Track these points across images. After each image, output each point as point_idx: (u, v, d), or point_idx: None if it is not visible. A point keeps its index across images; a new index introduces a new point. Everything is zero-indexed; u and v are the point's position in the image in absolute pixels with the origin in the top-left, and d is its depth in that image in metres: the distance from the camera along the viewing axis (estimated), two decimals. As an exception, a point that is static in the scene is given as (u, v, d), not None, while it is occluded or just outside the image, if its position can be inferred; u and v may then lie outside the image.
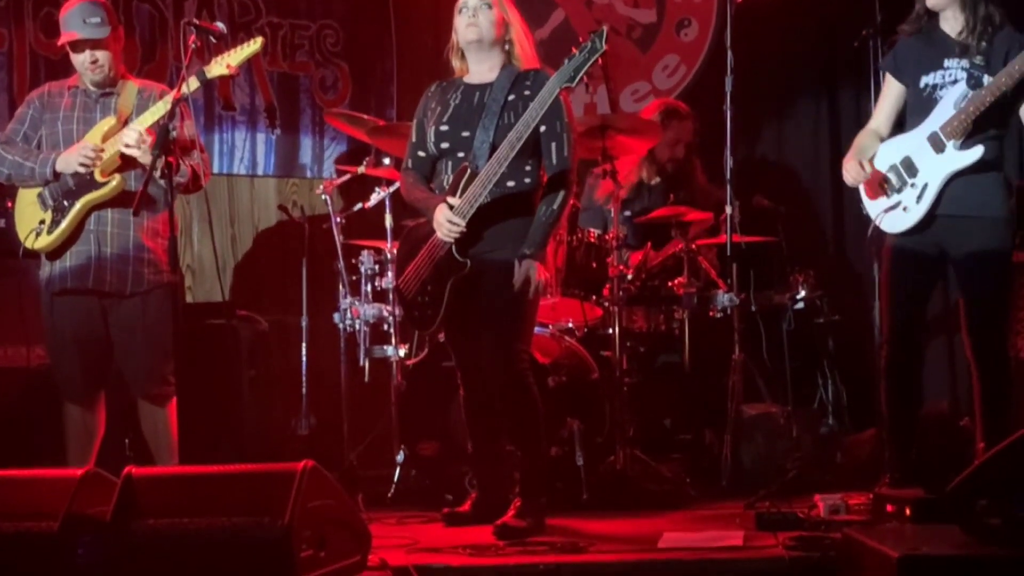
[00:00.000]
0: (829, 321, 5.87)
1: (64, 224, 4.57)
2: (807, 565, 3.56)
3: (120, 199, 4.50)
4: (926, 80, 4.43)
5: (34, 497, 3.38)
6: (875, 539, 3.20)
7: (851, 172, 4.47)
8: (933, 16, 4.47)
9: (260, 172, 6.59)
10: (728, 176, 5.31)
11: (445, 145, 4.36)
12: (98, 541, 3.23)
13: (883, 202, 4.46)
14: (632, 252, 5.62)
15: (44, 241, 4.59)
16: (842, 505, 4.23)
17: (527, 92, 4.29)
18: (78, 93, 4.70)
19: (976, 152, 4.32)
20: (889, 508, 3.85)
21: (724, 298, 5.43)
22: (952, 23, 4.44)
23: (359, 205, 5.77)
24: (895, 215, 4.43)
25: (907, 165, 4.42)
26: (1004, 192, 4.43)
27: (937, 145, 4.36)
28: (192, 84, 4.48)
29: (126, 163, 4.52)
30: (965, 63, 4.37)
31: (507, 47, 4.38)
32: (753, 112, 6.50)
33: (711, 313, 5.54)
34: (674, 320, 5.57)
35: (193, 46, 4.35)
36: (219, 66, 4.53)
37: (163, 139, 4.26)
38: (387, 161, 5.66)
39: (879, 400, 4.59)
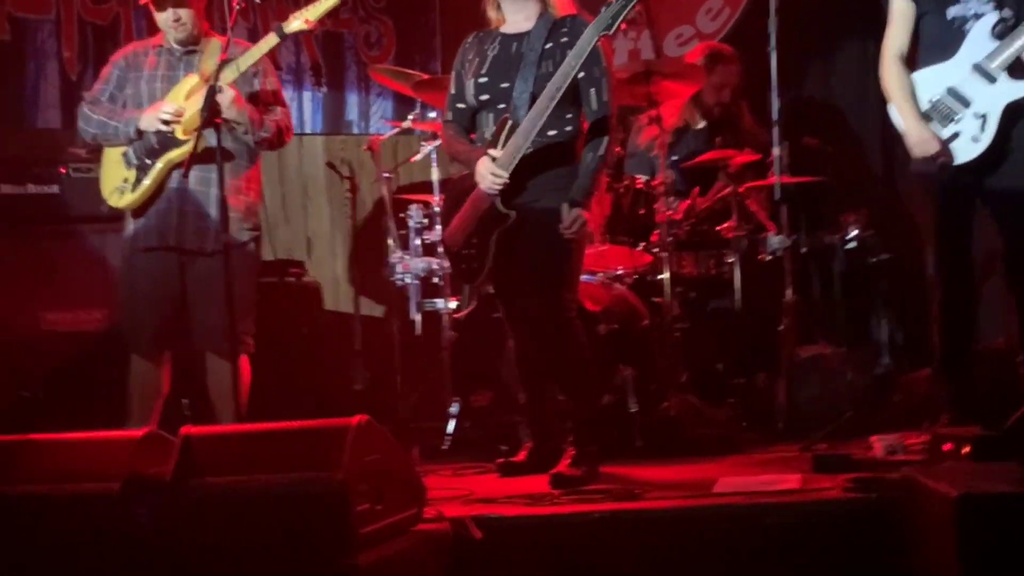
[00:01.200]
0: (881, 260, 5.81)
1: (147, 182, 4.59)
2: (865, 506, 3.55)
3: (202, 156, 4.44)
4: (953, 12, 4.37)
5: (95, 459, 3.43)
6: (933, 478, 3.18)
7: (928, 145, 4.37)
8: None
9: (307, 130, 6.61)
10: (775, 117, 5.26)
11: (484, 97, 4.34)
12: (158, 501, 3.27)
13: (938, 133, 4.39)
14: (680, 198, 5.59)
15: (128, 199, 4.61)
16: (899, 445, 4.20)
17: (564, 39, 4.25)
18: (163, 52, 4.70)
19: None
20: (947, 447, 3.81)
21: (774, 240, 5.39)
22: None
23: (406, 159, 5.77)
24: (960, 145, 4.35)
25: (955, 95, 4.35)
26: None
27: (987, 76, 4.29)
28: (270, 40, 4.49)
29: (210, 120, 4.48)
30: None
31: None
32: (798, 52, 6.41)
33: (761, 256, 5.51)
34: (724, 264, 5.54)
35: (237, 7, 4.35)
36: (297, 21, 4.52)
37: (210, 99, 4.27)
38: (433, 115, 5.66)
39: (934, 338, 4.55)
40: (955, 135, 4.36)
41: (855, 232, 5.67)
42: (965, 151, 4.35)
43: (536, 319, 4.31)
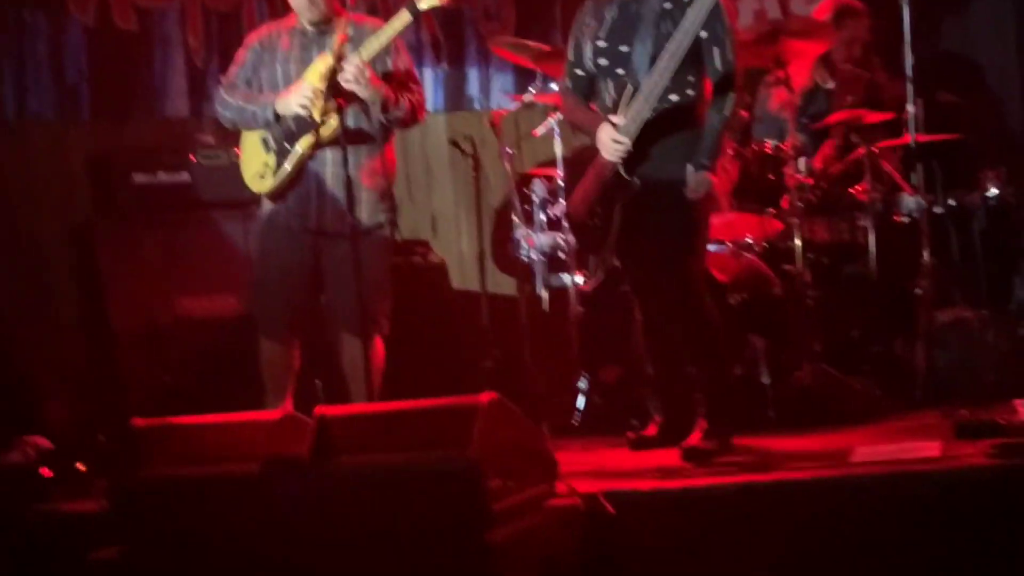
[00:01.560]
0: (1021, 218, 5.62)
1: (287, 167, 4.62)
2: (1012, 473, 3.44)
3: (345, 137, 4.42)
4: None
5: (235, 441, 3.51)
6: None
7: None
8: None
9: (429, 108, 6.62)
10: (908, 74, 5.11)
11: (604, 62, 4.27)
12: (298, 481, 3.33)
13: None
14: (811, 160, 5.47)
15: (268, 184, 4.64)
16: (1045, 409, 4.08)
17: (670, 4, 4.17)
18: (296, 33, 4.70)
19: None
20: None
21: (910, 202, 5.26)
22: None
23: (528, 133, 5.76)
24: None
25: None
26: None
27: None
28: (403, 18, 4.48)
29: (346, 100, 4.49)
30: None
31: None
32: (933, 4, 6.23)
33: (897, 218, 5.38)
34: (858, 228, 5.41)
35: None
36: None
37: (331, 80, 4.30)
38: (555, 87, 5.62)
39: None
40: None
41: (994, 190, 5.49)
42: None
43: (664, 290, 4.26)
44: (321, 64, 4.58)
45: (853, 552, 3.45)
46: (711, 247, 4.57)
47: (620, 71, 4.23)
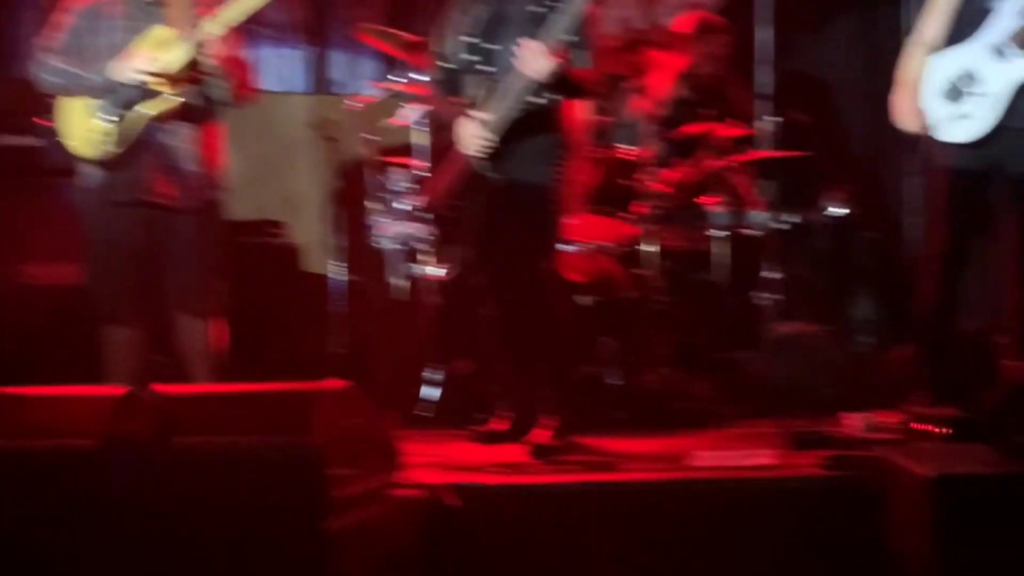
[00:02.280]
0: (864, 237, 5.82)
1: (128, 136, 4.52)
2: (840, 484, 3.56)
3: (178, 111, 4.39)
4: None
5: (73, 415, 3.41)
6: (910, 458, 3.20)
7: (908, 120, 4.39)
8: None
9: (291, 89, 6.55)
10: (763, 91, 5.23)
11: (471, 58, 4.31)
12: (136, 459, 3.26)
13: (944, 112, 4.38)
14: (665, 169, 5.57)
15: (106, 153, 4.52)
16: (877, 424, 4.21)
17: (550, 2, 4.21)
18: (128, 2, 4.59)
19: None
20: (924, 427, 3.83)
21: (758, 216, 5.39)
22: None
23: (390, 121, 5.73)
24: (962, 125, 4.34)
25: (967, 75, 4.34)
26: None
27: (1001, 55, 4.28)
28: None
29: (192, 73, 4.41)
30: None
31: None
32: (790, 26, 6.39)
33: (745, 231, 5.50)
34: (708, 238, 5.52)
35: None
36: None
37: (191, 53, 4.22)
38: (418, 77, 5.60)
39: (917, 317, 4.56)
40: (961, 114, 4.34)
41: (837, 209, 5.67)
42: (968, 131, 4.34)
43: (516, 287, 4.31)
44: (158, 34, 4.50)
45: (688, 554, 3.53)
46: (568, 248, 4.61)
47: (487, 68, 4.25)
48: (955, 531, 2.90)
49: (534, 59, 4.07)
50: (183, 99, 4.32)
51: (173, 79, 4.43)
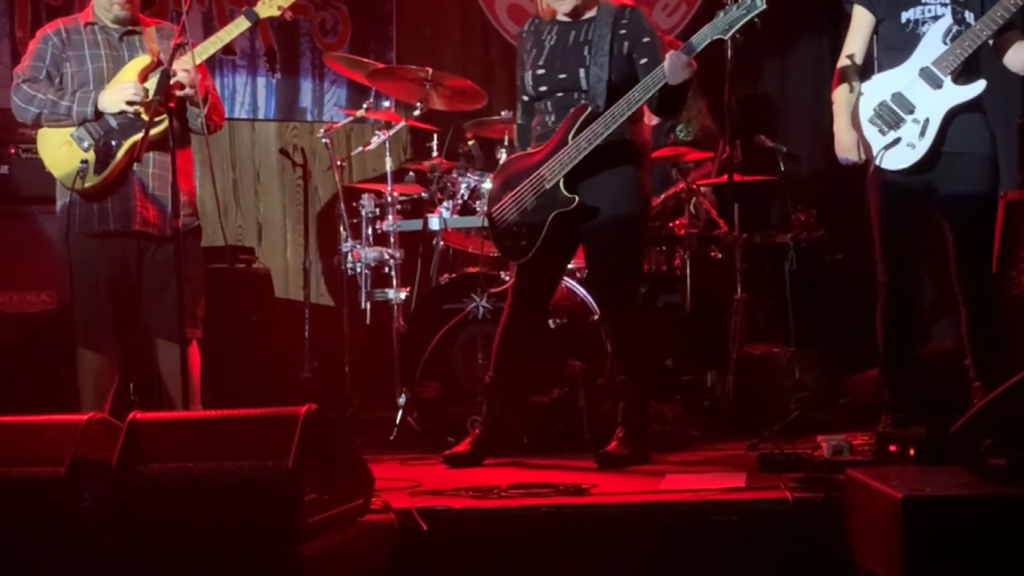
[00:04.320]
0: (831, 260, 5.87)
1: (112, 165, 4.51)
2: (809, 506, 3.57)
3: (163, 140, 4.40)
4: (907, 15, 4.41)
5: (41, 442, 3.40)
6: (878, 480, 3.21)
7: (849, 154, 4.46)
8: None
9: (261, 116, 6.57)
10: (729, 116, 5.28)
11: (544, 88, 4.40)
12: (104, 486, 3.25)
13: (879, 139, 4.43)
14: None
15: (91, 182, 4.50)
16: (845, 445, 4.24)
17: (623, 31, 4.34)
18: (98, 31, 4.60)
19: (980, 85, 4.32)
20: (892, 448, 3.86)
21: (724, 238, 5.42)
22: None
23: (359, 148, 5.75)
24: (898, 152, 4.40)
25: (900, 101, 4.40)
26: (990, 131, 4.44)
27: (933, 80, 4.34)
28: (240, 24, 4.48)
29: (174, 102, 4.42)
30: None
31: None
32: (754, 51, 6.46)
33: (712, 253, 5.54)
34: (675, 261, 5.56)
35: (193, -7, 4.30)
36: (269, 7, 4.48)
37: (164, 83, 4.22)
38: (387, 104, 5.63)
39: (878, 339, 4.60)
40: (896, 140, 4.40)
41: (805, 232, 5.72)
42: (904, 157, 4.40)
43: (606, 309, 4.57)
44: (139, 63, 4.52)
45: (659, 576, 3.55)
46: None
47: (559, 94, 4.37)
48: (924, 552, 2.92)
49: (684, 69, 4.15)
50: (158, 127, 4.33)
51: (148, 108, 4.43)
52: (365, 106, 5.67)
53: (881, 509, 3.06)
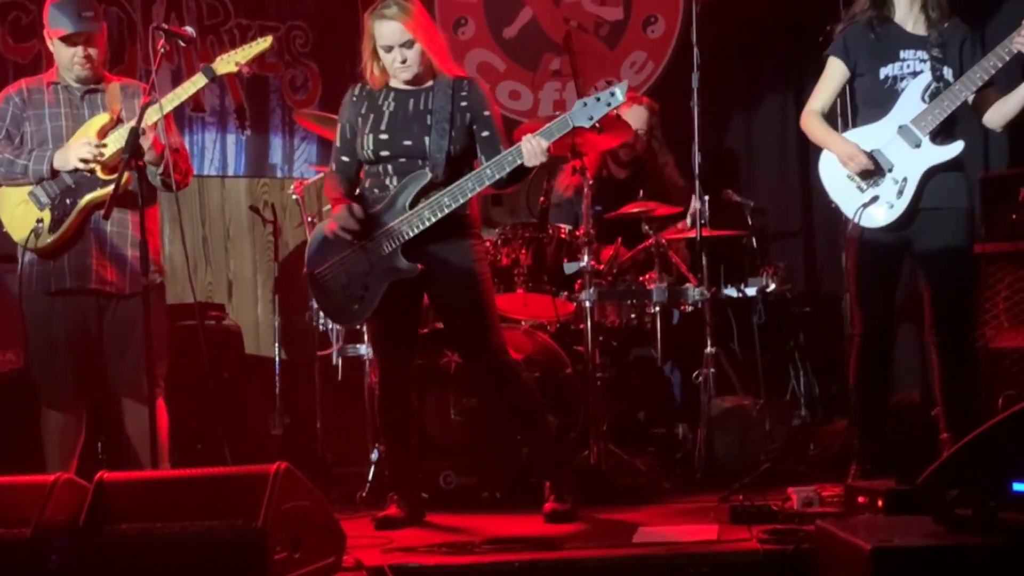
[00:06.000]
0: (799, 313, 5.91)
1: (67, 223, 4.51)
2: (781, 558, 3.58)
3: (124, 197, 4.38)
4: (885, 72, 4.47)
5: (6, 503, 3.37)
6: (848, 531, 3.22)
7: (858, 162, 4.45)
8: (885, 3, 4.50)
9: (231, 172, 6.58)
10: (696, 171, 5.34)
11: (385, 153, 4.40)
12: (71, 547, 3.22)
13: (857, 196, 4.48)
14: (603, 247, 5.64)
15: (45, 241, 4.51)
16: (815, 497, 4.26)
17: (464, 103, 4.38)
18: (60, 90, 4.62)
19: (958, 146, 4.38)
20: (861, 499, 3.87)
21: (695, 292, 5.46)
22: (904, 12, 4.48)
23: (329, 205, 5.76)
24: (876, 209, 4.44)
25: (878, 159, 4.45)
26: (967, 185, 4.49)
27: (911, 139, 4.39)
28: (198, 81, 4.49)
29: (136, 160, 4.41)
30: (923, 54, 4.43)
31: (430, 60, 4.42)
32: (721, 107, 6.54)
33: (682, 307, 5.57)
34: (646, 314, 5.58)
35: (162, 50, 4.32)
36: (227, 64, 4.51)
37: (133, 141, 4.23)
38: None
39: (849, 391, 4.63)
40: (874, 198, 4.45)
41: (773, 285, 5.76)
42: (882, 216, 4.45)
43: (476, 370, 4.50)
44: (98, 122, 4.54)
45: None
46: (507, 325, 4.66)
47: (402, 159, 4.38)
48: (893, 603, 2.93)
49: (542, 154, 4.22)
50: (121, 185, 4.32)
51: (110, 165, 4.45)
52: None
53: (851, 560, 3.07)
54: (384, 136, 4.39)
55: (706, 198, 5.40)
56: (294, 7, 6.68)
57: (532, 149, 4.21)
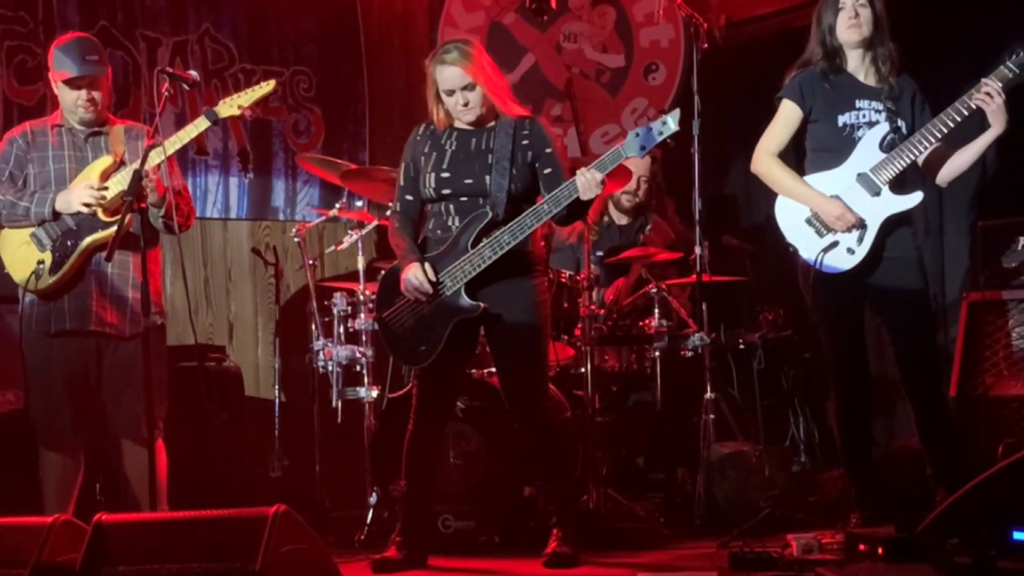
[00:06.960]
0: (799, 359, 5.91)
1: (68, 265, 4.53)
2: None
3: (126, 239, 4.39)
4: (843, 120, 4.52)
5: (4, 544, 3.36)
6: (846, 578, 3.22)
7: (846, 222, 4.46)
8: (838, 54, 4.55)
9: (233, 215, 6.60)
10: (697, 217, 5.36)
11: (447, 191, 4.43)
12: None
13: (816, 241, 4.51)
14: (602, 291, 5.65)
15: (46, 282, 4.53)
16: (815, 544, 4.24)
17: (525, 142, 4.41)
18: (63, 132, 4.66)
19: (916, 197, 4.44)
20: (861, 547, 3.86)
21: (695, 337, 5.47)
22: (856, 63, 4.53)
23: (332, 247, 5.78)
24: (837, 255, 4.47)
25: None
26: (915, 234, 4.55)
27: (871, 187, 4.44)
28: (200, 124, 4.52)
29: (139, 202, 4.43)
30: (878, 105, 4.50)
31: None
32: (721, 153, 6.56)
33: (682, 352, 5.57)
34: (646, 359, 5.60)
35: (166, 93, 4.35)
36: (230, 107, 4.55)
37: (136, 184, 4.26)
38: (360, 204, 5.68)
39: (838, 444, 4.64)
40: (833, 244, 4.48)
41: (773, 331, 5.77)
42: (841, 261, 4.48)
43: (517, 415, 4.51)
44: (100, 164, 4.57)
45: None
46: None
47: (463, 199, 4.41)
48: (893, 650, 2.92)
49: (597, 186, 4.25)
50: (123, 227, 4.33)
51: (112, 208, 4.47)
52: (338, 206, 5.72)
53: (851, 607, 3.06)
54: (446, 174, 4.42)
55: (706, 244, 5.42)
56: (298, 52, 6.73)
57: (587, 182, 4.23)
